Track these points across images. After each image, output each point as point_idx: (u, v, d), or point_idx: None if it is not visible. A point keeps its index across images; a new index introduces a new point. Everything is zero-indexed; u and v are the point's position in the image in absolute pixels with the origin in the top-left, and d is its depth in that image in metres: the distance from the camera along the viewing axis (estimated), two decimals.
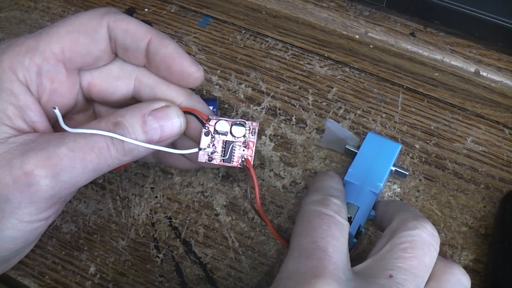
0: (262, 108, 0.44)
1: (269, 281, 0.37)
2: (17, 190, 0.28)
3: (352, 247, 0.35)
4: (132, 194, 0.41)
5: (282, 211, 0.40)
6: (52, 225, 0.39)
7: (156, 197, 0.40)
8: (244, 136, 0.33)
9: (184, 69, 0.32)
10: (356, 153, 0.39)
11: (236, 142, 0.33)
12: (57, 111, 0.29)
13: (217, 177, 0.41)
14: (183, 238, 0.39)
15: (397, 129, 0.43)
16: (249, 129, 0.33)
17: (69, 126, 0.29)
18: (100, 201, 0.40)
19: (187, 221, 0.39)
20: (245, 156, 0.33)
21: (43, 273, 0.38)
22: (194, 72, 0.32)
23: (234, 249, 0.38)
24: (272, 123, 0.44)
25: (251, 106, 0.44)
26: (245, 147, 0.33)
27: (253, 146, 0.33)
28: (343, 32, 0.49)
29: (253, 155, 0.33)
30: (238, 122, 0.33)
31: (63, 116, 0.30)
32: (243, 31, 0.49)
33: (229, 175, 0.41)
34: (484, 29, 0.44)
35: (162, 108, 0.32)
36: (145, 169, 0.41)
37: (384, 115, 0.44)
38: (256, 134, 0.33)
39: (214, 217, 0.40)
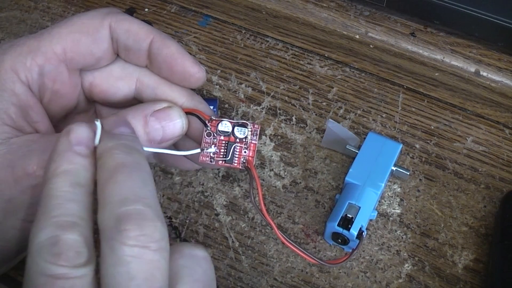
0: (262, 108, 0.44)
1: (269, 281, 0.37)
2: (19, 191, 0.28)
3: (353, 248, 0.35)
4: None
5: (282, 211, 0.40)
6: None
7: None
8: (246, 137, 0.33)
9: (186, 69, 0.32)
10: (357, 153, 0.39)
11: (237, 143, 0.33)
12: (98, 124, 0.26)
13: (217, 177, 0.41)
14: (183, 238, 0.39)
15: (397, 129, 0.43)
16: (251, 131, 0.33)
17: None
18: None
19: (187, 221, 0.39)
20: (247, 158, 0.33)
21: None
22: (196, 72, 0.32)
23: (234, 248, 0.38)
24: (272, 123, 0.44)
25: (251, 106, 0.44)
26: (246, 148, 0.33)
27: (255, 147, 0.33)
28: (343, 32, 0.49)
29: (254, 156, 0.33)
30: (240, 123, 0.33)
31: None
32: (243, 31, 0.49)
33: (229, 175, 0.41)
34: (484, 29, 0.45)
35: (164, 109, 0.32)
36: None
37: (384, 115, 0.44)
38: (258, 136, 0.33)
39: (214, 217, 0.40)
